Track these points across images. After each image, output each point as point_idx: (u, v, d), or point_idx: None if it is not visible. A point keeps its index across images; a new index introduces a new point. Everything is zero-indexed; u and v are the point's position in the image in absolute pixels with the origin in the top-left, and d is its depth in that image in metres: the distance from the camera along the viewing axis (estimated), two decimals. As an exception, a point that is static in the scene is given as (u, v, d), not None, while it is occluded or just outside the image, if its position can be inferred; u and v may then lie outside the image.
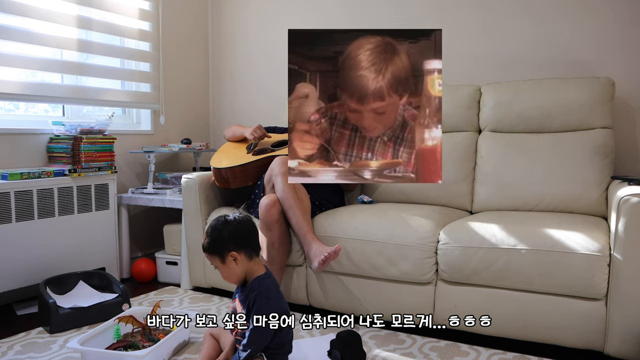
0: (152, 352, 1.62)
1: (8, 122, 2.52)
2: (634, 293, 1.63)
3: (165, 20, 3.21)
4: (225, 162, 2.39)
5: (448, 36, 2.78)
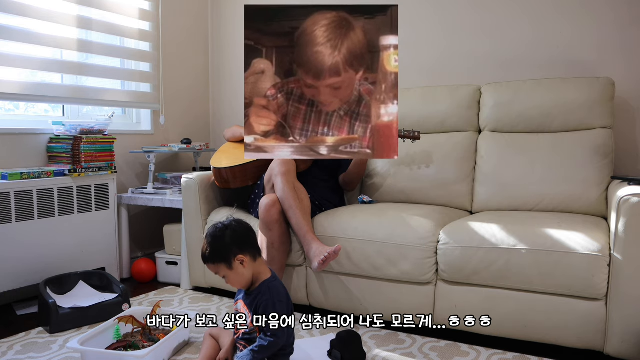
0: (152, 352, 1.62)
1: (8, 122, 2.52)
2: (634, 293, 1.63)
3: (165, 20, 3.20)
4: (225, 162, 2.40)
5: (448, 36, 2.79)
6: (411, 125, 2.58)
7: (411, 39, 2.88)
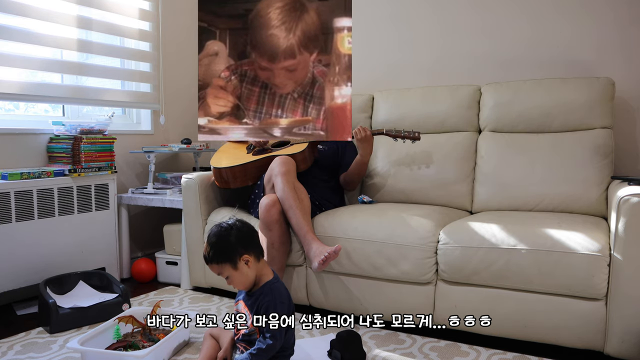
0: (152, 352, 1.62)
1: (8, 122, 2.52)
2: (634, 293, 1.63)
3: (165, 20, 3.21)
4: (225, 162, 2.40)
5: (447, 36, 2.79)
6: (411, 125, 2.58)
7: (411, 39, 2.88)
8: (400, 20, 2.91)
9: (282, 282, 1.63)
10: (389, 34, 2.94)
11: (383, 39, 2.96)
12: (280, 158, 2.16)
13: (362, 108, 2.74)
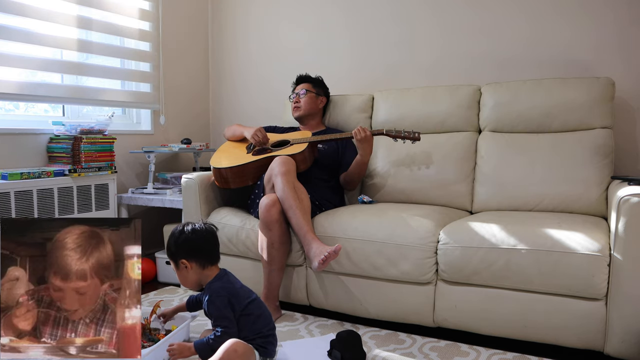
0: (152, 352, 1.61)
1: (8, 122, 2.52)
2: (634, 293, 1.63)
3: (165, 20, 3.21)
4: (225, 162, 2.40)
5: (447, 36, 2.79)
6: (411, 125, 2.58)
7: (410, 39, 2.88)
8: (400, 20, 2.91)
9: (224, 279, 1.68)
10: (388, 34, 2.94)
11: (383, 39, 2.96)
12: (280, 158, 2.17)
13: (362, 108, 2.74)
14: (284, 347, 1.84)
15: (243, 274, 2.31)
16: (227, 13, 3.51)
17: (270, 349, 1.65)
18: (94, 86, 2.82)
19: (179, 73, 3.35)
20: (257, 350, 1.60)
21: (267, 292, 2.15)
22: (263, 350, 1.62)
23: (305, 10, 3.20)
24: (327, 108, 2.81)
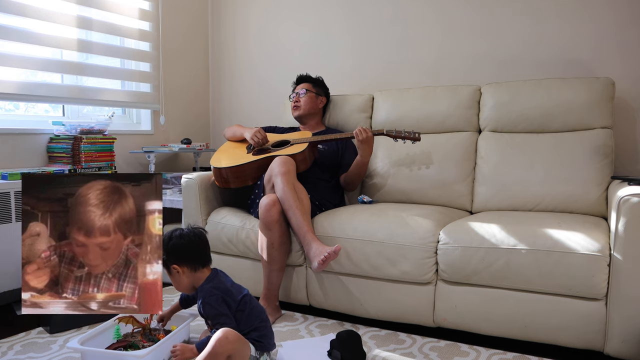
0: (152, 352, 1.61)
1: (8, 122, 2.52)
2: (634, 293, 1.63)
3: (165, 20, 3.21)
4: (225, 162, 2.40)
5: (446, 36, 2.79)
6: (411, 125, 2.58)
7: (410, 39, 2.88)
8: (399, 21, 2.91)
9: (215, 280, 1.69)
10: (389, 34, 2.94)
11: (383, 39, 2.96)
12: (280, 158, 2.17)
13: (362, 108, 2.74)
14: (284, 347, 1.84)
15: (243, 274, 2.31)
16: (227, 13, 3.51)
17: (266, 342, 1.65)
18: (94, 86, 2.82)
19: (179, 73, 3.35)
20: (252, 344, 1.61)
21: (267, 292, 2.15)
22: (259, 344, 1.63)
23: (305, 10, 3.20)
24: (327, 108, 2.81)
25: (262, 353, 1.64)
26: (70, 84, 2.72)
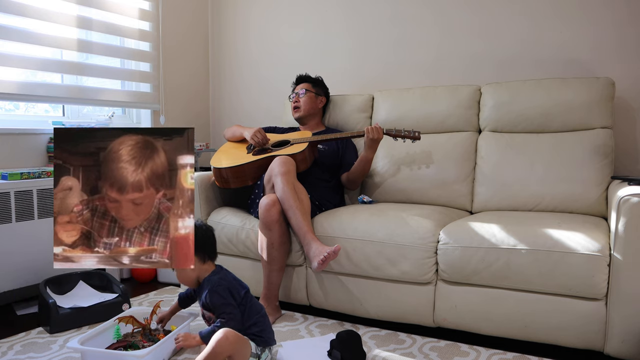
0: (152, 352, 1.62)
1: (8, 122, 2.52)
2: (634, 293, 1.63)
3: (165, 20, 3.21)
4: (225, 162, 2.40)
5: (445, 36, 2.79)
6: (411, 125, 2.58)
7: (410, 39, 2.88)
8: (399, 21, 2.91)
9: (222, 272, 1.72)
10: (388, 34, 2.94)
11: (383, 39, 2.96)
12: (280, 158, 2.17)
13: (362, 108, 2.74)
14: (284, 347, 1.84)
15: (243, 274, 2.31)
16: (227, 13, 3.51)
17: (266, 336, 1.66)
18: (94, 86, 2.82)
19: (179, 73, 3.35)
20: (253, 340, 1.62)
21: (267, 292, 2.15)
22: (260, 339, 1.64)
23: (305, 10, 3.20)
24: (326, 108, 2.81)
25: (263, 349, 1.64)
26: (70, 84, 2.72)
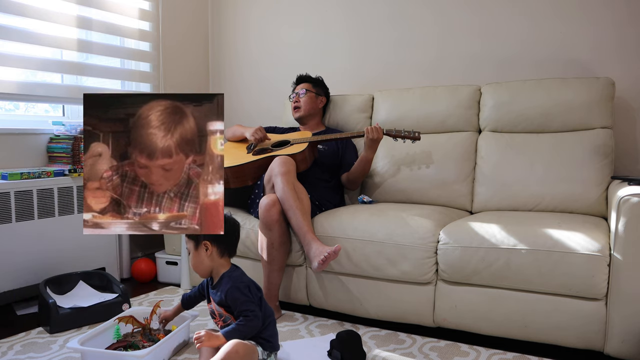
0: (152, 352, 1.62)
1: (8, 122, 2.52)
2: (634, 293, 1.63)
3: (165, 20, 3.20)
4: (225, 162, 2.39)
5: (445, 36, 2.79)
6: (411, 125, 2.58)
7: (410, 39, 2.88)
8: (399, 21, 2.91)
9: (240, 270, 1.71)
10: (388, 34, 2.94)
11: (383, 39, 2.96)
12: (280, 158, 2.17)
13: (362, 108, 2.74)
14: (284, 347, 1.84)
15: (243, 274, 2.31)
16: (227, 13, 3.51)
17: (275, 341, 1.66)
18: (94, 86, 2.82)
19: (179, 73, 3.35)
20: (261, 345, 1.60)
21: (267, 292, 2.15)
22: (268, 344, 1.63)
23: (305, 10, 3.20)
24: (327, 108, 2.81)
25: (269, 354, 1.63)
26: (70, 84, 2.72)
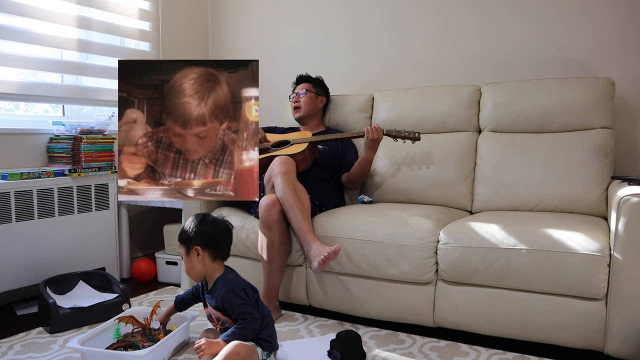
0: (152, 352, 1.62)
1: (8, 122, 2.52)
2: (634, 293, 1.63)
3: (165, 20, 3.21)
4: (225, 162, 2.39)
5: (445, 36, 2.79)
6: (411, 125, 2.58)
7: (410, 39, 2.88)
8: (399, 21, 2.91)
9: (235, 272, 1.72)
10: (388, 34, 2.94)
11: (382, 39, 2.96)
12: (280, 158, 2.17)
13: (362, 108, 2.74)
14: (284, 347, 1.84)
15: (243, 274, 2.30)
16: (227, 13, 3.51)
17: (274, 341, 1.67)
18: (94, 86, 2.82)
19: (179, 73, 3.35)
20: (260, 346, 1.61)
21: (267, 292, 2.15)
22: (267, 345, 1.63)
23: (305, 10, 3.20)
24: (327, 108, 2.81)
25: (269, 354, 1.63)
26: (70, 84, 2.72)
